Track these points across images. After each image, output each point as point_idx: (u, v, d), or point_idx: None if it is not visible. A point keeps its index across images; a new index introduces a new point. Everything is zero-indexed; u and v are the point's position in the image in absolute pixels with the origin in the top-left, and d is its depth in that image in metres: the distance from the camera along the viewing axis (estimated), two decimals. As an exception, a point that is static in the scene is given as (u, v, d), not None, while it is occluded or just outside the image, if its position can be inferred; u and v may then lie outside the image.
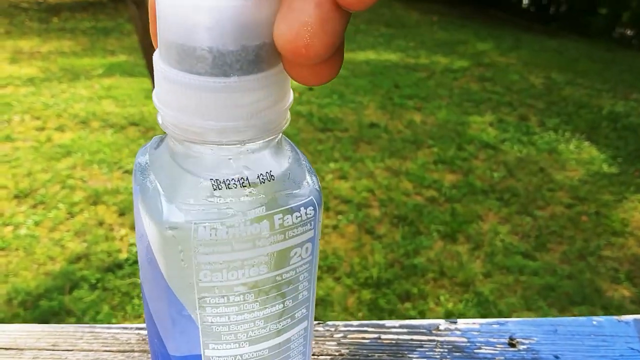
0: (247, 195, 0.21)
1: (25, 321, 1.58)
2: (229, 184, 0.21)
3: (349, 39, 4.94)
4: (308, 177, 0.23)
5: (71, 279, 1.76)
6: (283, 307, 0.24)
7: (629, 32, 5.91)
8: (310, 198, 0.22)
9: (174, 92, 0.19)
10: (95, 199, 2.16)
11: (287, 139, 0.24)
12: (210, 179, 0.21)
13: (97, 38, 4.62)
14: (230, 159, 0.21)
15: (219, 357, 0.24)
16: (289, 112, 0.22)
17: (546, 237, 2.11)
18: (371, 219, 2.13)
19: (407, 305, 1.73)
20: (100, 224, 2.03)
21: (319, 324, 0.44)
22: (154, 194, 0.21)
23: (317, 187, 0.23)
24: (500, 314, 1.70)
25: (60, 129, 2.76)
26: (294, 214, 0.22)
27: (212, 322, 0.22)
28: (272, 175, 0.22)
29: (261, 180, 0.21)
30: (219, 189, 0.21)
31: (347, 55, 4.45)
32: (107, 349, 0.41)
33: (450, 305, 1.73)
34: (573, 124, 3.16)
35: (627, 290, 1.86)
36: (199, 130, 0.20)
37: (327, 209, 2.18)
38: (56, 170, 2.36)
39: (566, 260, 2.00)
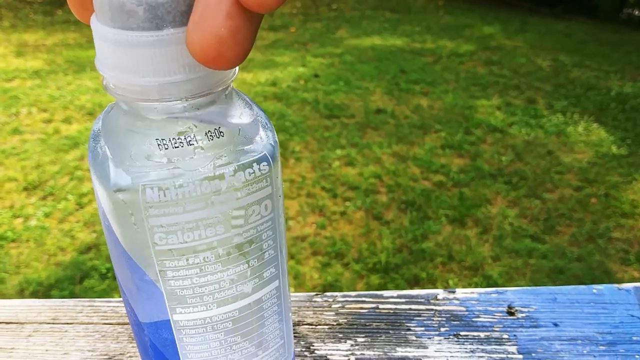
0: (195, 153, 0.20)
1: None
2: (175, 142, 0.20)
3: (354, 25, 4.92)
4: (262, 132, 0.22)
5: (82, 269, 1.78)
6: (248, 267, 0.23)
7: (636, 13, 5.84)
8: (263, 153, 0.22)
9: (110, 51, 0.19)
10: (103, 190, 2.17)
11: (241, 92, 0.23)
12: (156, 139, 0.20)
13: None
14: (175, 116, 0.20)
15: (187, 320, 0.23)
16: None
17: (555, 220, 2.10)
18: (379, 205, 2.13)
19: (416, 289, 1.73)
20: (109, 214, 2.04)
21: (317, 295, 0.44)
22: (104, 158, 0.21)
23: (271, 142, 0.22)
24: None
25: (67, 120, 2.77)
26: (247, 171, 0.21)
27: (175, 286, 0.22)
28: (220, 132, 0.21)
29: (209, 137, 0.21)
30: (165, 149, 0.20)
31: (353, 41, 4.46)
32: (107, 321, 0.42)
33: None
34: (581, 106, 3.14)
35: (637, 271, 1.85)
36: (139, 89, 0.19)
37: (334, 195, 2.18)
38: (64, 162, 2.37)
39: (575, 242, 1.99)
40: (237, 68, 0.21)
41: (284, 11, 5.40)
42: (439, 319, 0.42)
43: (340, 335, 0.41)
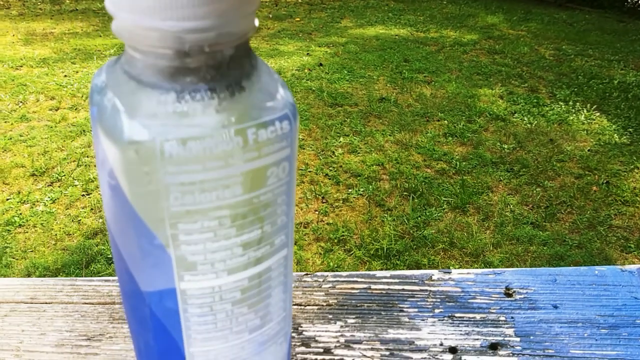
0: (215, 108, 0.19)
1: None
2: (195, 95, 0.19)
3: (358, 15, 4.91)
4: (281, 90, 0.21)
5: (88, 254, 1.80)
6: (261, 233, 0.22)
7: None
8: (285, 112, 0.20)
9: None
10: (110, 176, 2.20)
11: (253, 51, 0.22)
12: (174, 90, 0.19)
13: (109, 18, 4.62)
14: (196, 66, 0.19)
15: (195, 289, 0.21)
16: (256, 18, 0.20)
17: (556, 207, 2.12)
18: (381, 192, 2.15)
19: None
20: (115, 200, 2.07)
21: (306, 274, 0.43)
22: (114, 112, 0.19)
23: (291, 100, 0.21)
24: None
25: (74, 108, 2.80)
26: (269, 129, 0.20)
27: (186, 251, 0.20)
28: (242, 86, 0.20)
29: (231, 91, 0.19)
30: (185, 101, 0.18)
31: (357, 31, 4.46)
32: (87, 301, 0.40)
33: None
34: (583, 95, 3.14)
35: (637, 259, 1.86)
36: (157, 34, 0.18)
37: (337, 182, 2.20)
38: (71, 149, 2.40)
39: (576, 229, 2.01)
40: (256, 21, 0.20)
41: (289, 0, 5.40)
42: (433, 300, 0.41)
43: (330, 316, 0.39)
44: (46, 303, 0.40)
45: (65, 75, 3.22)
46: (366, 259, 1.82)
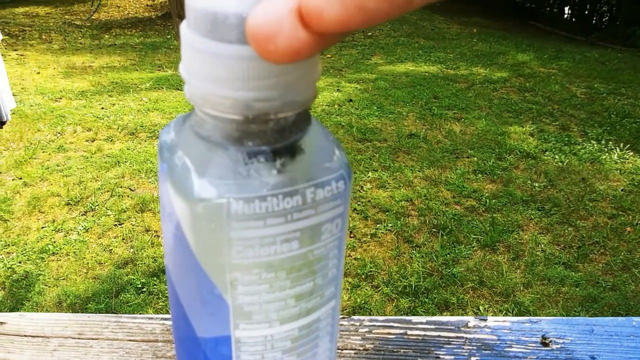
0: (277, 169, 0.20)
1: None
2: (259, 157, 0.20)
3: (388, 52, 4.97)
4: (337, 151, 0.23)
5: (118, 283, 1.83)
6: (313, 285, 0.23)
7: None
8: (340, 172, 0.22)
9: (203, 63, 0.19)
10: (142, 207, 2.24)
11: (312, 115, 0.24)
12: (241, 152, 0.20)
13: (146, 53, 4.77)
14: (261, 131, 0.20)
15: (249, 337, 0.23)
16: (316, 86, 0.22)
17: (588, 248, 2.08)
18: (410, 228, 2.14)
19: (446, 314, 1.73)
20: (146, 230, 2.10)
21: (343, 318, 0.43)
22: (184, 170, 0.20)
23: (346, 161, 0.23)
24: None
25: (110, 139, 2.87)
26: (325, 188, 0.21)
27: (243, 301, 0.22)
28: (302, 149, 0.21)
29: (291, 153, 0.21)
30: (250, 163, 0.20)
31: (387, 67, 4.49)
32: (132, 338, 0.42)
33: (489, 316, 1.72)
34: (616, 133, 3.10)
35: (674, 303, 1.82)
36: (229, 102, 0.19)
37: (365, 217, 2.20)
38: (106, 179, 2.45)
39: (609, 271, 1.96)
40: (317, 89, 0.22)
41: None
42: (469, 347, 0.41)
43: (367, 362, 0.39)
44: (93, 339, 0.41)
45: (102, 108, 3.31)
46: (394, 296, 1.80)
